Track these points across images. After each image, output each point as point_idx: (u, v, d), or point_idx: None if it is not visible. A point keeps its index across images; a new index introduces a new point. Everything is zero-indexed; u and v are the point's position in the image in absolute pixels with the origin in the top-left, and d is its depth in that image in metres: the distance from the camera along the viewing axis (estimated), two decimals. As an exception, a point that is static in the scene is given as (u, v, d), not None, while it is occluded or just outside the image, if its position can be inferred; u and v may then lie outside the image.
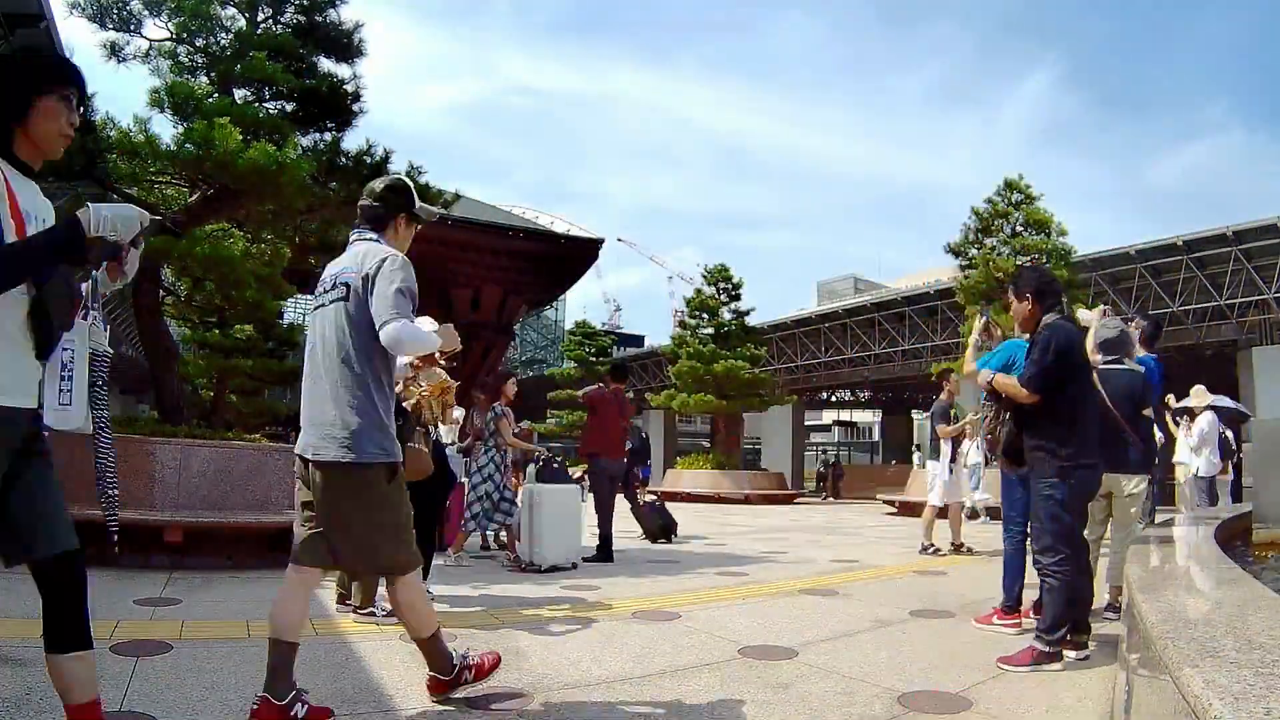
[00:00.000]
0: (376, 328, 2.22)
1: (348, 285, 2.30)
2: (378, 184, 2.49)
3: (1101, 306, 4.81)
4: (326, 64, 7.00)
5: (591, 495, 6.55)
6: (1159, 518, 4.84)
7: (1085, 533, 3.43)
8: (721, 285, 22.03)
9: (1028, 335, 3.31)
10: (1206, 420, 6.82)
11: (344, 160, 6.32)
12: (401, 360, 2.94)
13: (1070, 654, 2.99)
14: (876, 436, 50.07)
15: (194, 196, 6.58)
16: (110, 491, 2.04)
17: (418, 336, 2.31)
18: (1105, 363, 3.90)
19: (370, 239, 2.41)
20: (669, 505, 9.03)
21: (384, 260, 2.29)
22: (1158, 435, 5.12)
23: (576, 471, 7.58)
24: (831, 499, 21.63)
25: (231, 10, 6.66)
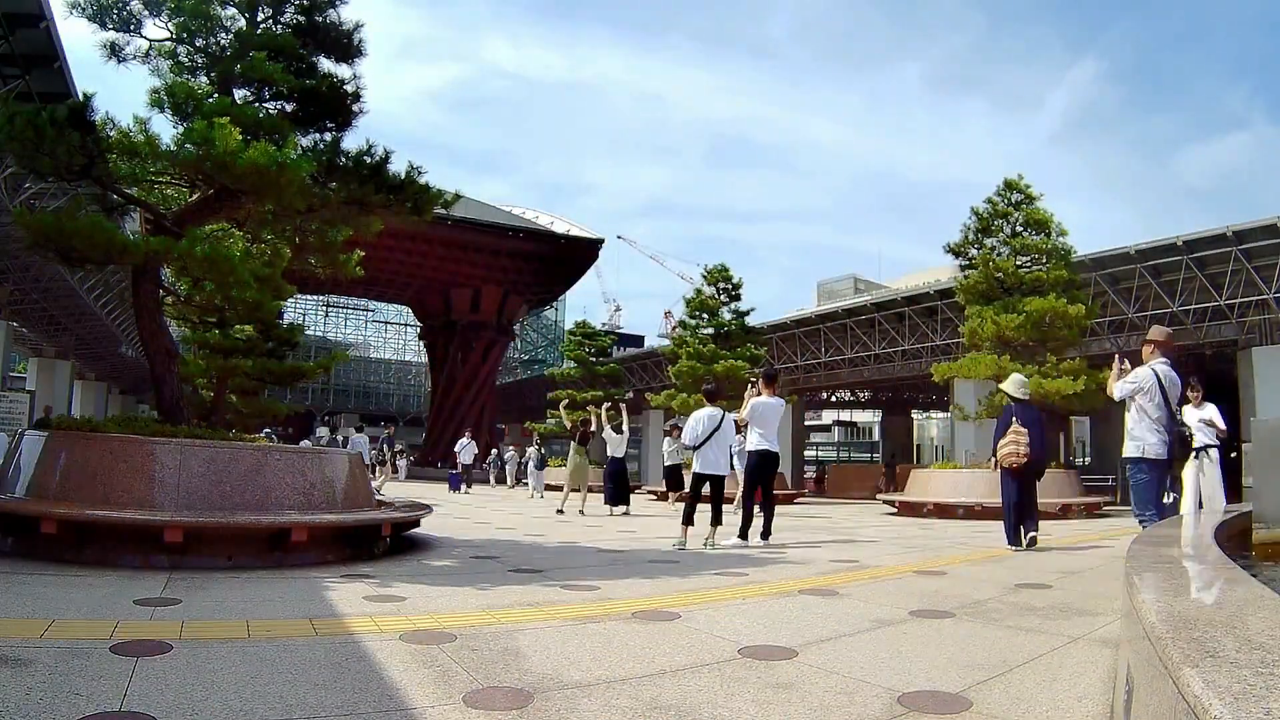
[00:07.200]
0: None
1: None
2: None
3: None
4: (326, 64, 7.01)
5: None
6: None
7: None
8: (721, 285, 22.04)
9: None
10: None
11: (344, 160, 6.30)
12: None
13: None
14: (876, 436, 50.08)
15: (194, 196, 6.58)
16: None
17: None
18: None
19: None
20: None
21: None
22: None
23: None
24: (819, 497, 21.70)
25: (231, 10, 6.66)
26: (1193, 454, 6.97)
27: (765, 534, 7.69)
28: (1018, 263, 15.92)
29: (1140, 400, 5.65)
